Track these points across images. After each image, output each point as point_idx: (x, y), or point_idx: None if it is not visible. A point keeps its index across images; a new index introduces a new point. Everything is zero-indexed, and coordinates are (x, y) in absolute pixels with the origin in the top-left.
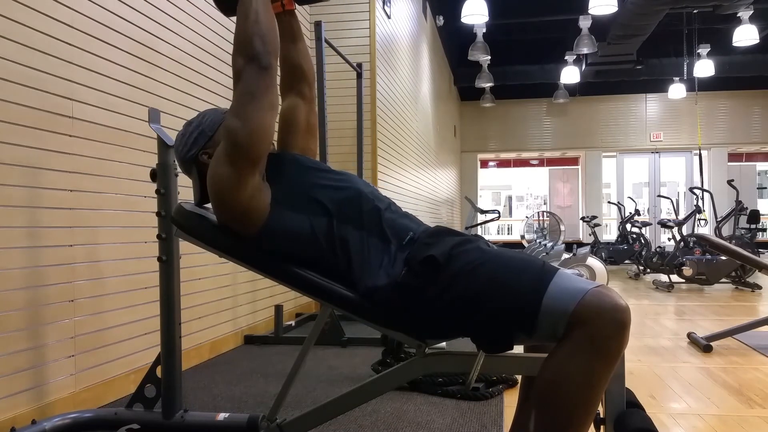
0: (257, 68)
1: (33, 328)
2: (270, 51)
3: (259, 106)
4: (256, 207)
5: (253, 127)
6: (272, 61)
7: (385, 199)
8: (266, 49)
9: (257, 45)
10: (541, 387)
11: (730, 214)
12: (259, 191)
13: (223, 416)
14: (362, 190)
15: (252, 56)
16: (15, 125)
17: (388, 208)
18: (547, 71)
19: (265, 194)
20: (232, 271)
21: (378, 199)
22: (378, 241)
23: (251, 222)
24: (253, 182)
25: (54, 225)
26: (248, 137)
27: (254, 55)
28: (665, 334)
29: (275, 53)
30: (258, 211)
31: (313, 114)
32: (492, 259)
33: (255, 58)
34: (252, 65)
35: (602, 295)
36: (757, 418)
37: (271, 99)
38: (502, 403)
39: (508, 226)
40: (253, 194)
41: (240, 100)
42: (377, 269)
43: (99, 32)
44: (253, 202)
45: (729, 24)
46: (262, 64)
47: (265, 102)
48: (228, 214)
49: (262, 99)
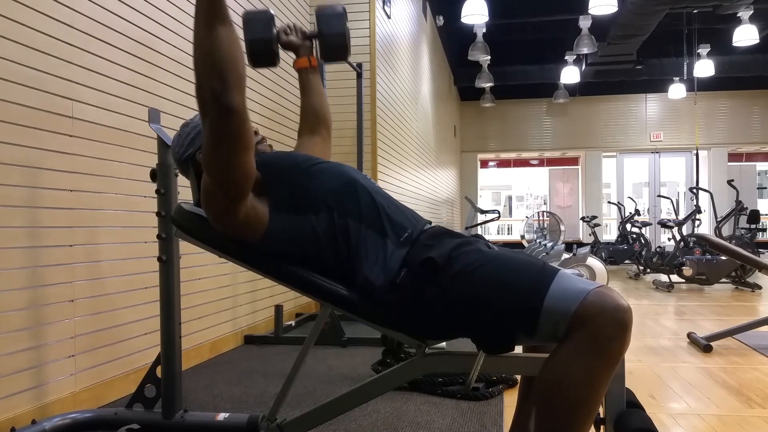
0: (218, 110)
1: (33, 328)
2: (231, 86)
3: (232, 150)
4: (254, 222)
5: (228, 173)
6: (234, 99)
7: (382, 191)
8: (226, 86)
9: (215, 84)
10: (542, 387)
11: (730, 214)
12: (254, 208)
13: (223, 416)
14: (357, 179)
15: (211, 97)
16: (15, 125)
17: (386, 200)
18: (547, 71)
19: (261, 209)
20: (232, 271)
21: (375, 191)
22: (376, 235)
23: (251, 234)
24: (244, 206)
25: (54, 225)
26: (227, 178)
27: (213, 95)
28: (665, 334)
29: (238, 87)
30: (256, 225)
31: (328, 148)
32: (492, 260)
33: (215, 99)
34: (213, 107)
35: (604, 296)
36: (757, 418)
37: (242, 140)
38: (502, 403)
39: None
40: (248, 214)
41: (209, 144)
42: (373, 263)
43: (99, 32)
44: (249, 220)
45: (729, 24)
46: (223, 107)
47: (234, 146)
48: (226, 232)
49: (230, 143)
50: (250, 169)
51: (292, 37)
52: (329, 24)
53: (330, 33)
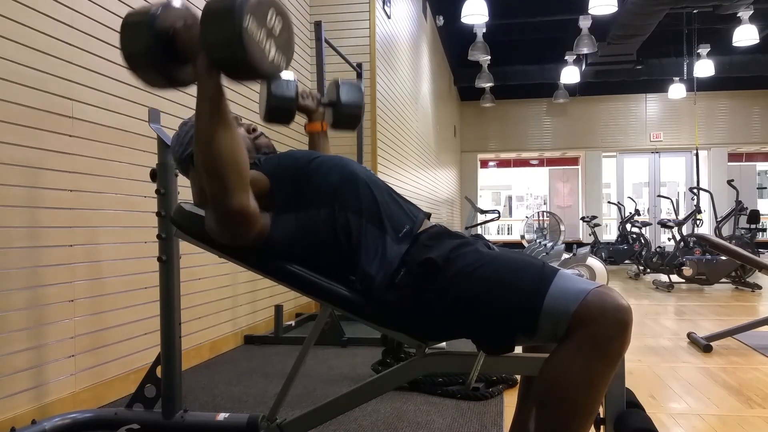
0: (221, 212)
1: (33, 328)
2: (232, 190)
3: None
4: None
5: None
6: (235, 202)
7: (383, 184)
8: (227, 190)
9: (216, 189)
10: (542, 387)
11: (730, 214)
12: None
13: (223, 416)
14: (357, 173)
15: (212, 200)
16: (15, 125)
17: (386, 194)
18: (547, 71)
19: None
20: (232, 271)
21: (375, 184)
22: (375, 229)
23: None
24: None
25: (54, 225)
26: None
27: (213, 199)
28: (665, 334)
29: (242, 189)
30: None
31: None
32: (492, 260)
33: (216, 204)
34: (215, 207)
35: (604, 296)
36: (757, 418)
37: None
38: (502, 403)
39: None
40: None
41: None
42: (373, 257)
43: (99, 32)
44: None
45: (729, 24)
46: (225, 209)
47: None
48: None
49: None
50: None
51: (309, 101)
52: (348, 97)
53: (347, 106)
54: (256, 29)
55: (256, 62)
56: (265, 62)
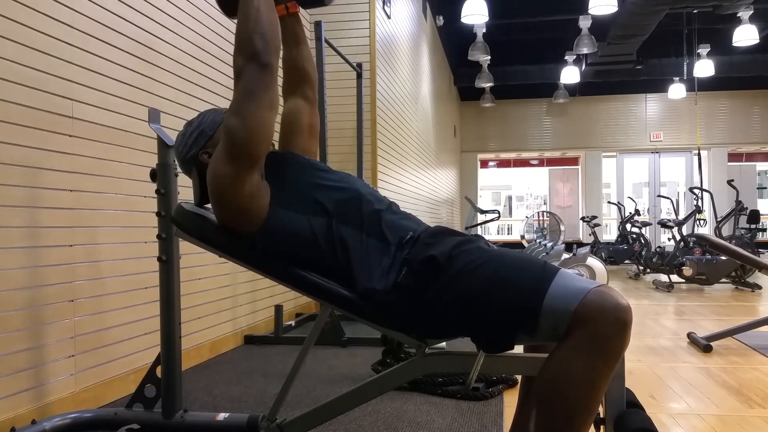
0: (257, 66)
1: (33, 328)
2: (270, 49)
3: (259, 105)
4: (256, 206)
5: (253, 126)
6: (272, 59)
7: (385, 199)
8: (266, 47)
9: (257, 43)
10: (542, 386)
11: (730, 214)
12: (258, 190)
13: (223, 416)
14: (361, 191)
15: (252, 54)
16: (15, 125)
17: (388, 209)
18: (547, 71)
19: (264, 194)
20: (232, 271)
21: (378, 200)
22: (377, 242)
23: (250, 221)
24: (252, 181)
25: (54, 225)
26: (247, 135)
27: (254, 53)
28: (665, 334)
29: (276, 51)
30: (257, 210)
31: (315, 116)
32: (493, 259)
33: (255, 57)
34: (252, 64)
35: (604, 295)
36: (757, 418)
37: (271, 97)
38: (502, 403)
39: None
40: (252, 193)
41: (239, 98)
42: (376, 270)
43: (99, 32)
44: (253, 200)
45: (729, 24)
46: (262, 62)
47: (264, 100)
48: (227, 212)
49: (262, 97)
50: (270, 130)
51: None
52: None
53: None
54: None
55: None
56: None
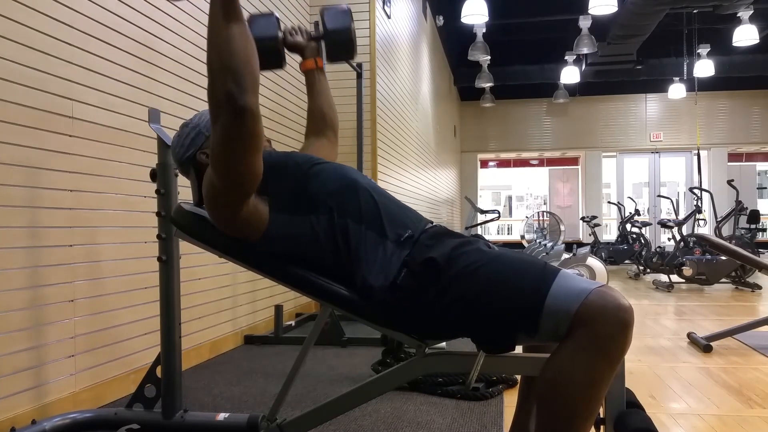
0: (232, 112)
1: (33, 328)
2: (246, 88)
3: (240, 157)
4: (255, 221)
5: (236, 176)
6: (249, 99)
7: (384, 191)
8: (241, 87)
9: (230, 84)
10: (543, 387)
11: (730, 214)
12: (255, 208)
13: (223, 416)
14: (358, 180)
15: (225, 98)
16: (15, 125)
17: (387, 200)
18: (547, 71)
19: (262, 209)
20: (232, 271)
21: (376, 191)
22: (375, 235)
23: (251, 233)
24: (247, 206)
25: (54, 225)
26: (232, 184)
27: (228, 96)
28: (665, 334)
29: (253, 88)
30: (257, 223)
31: (335, 152)
32: (493, 260)
33: (229, 100)
34: (227, 109)
35: (605, 295)
36: (757, 418)
37: (253, 142)
38: (502, 403)
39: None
40: (249, 213)
41: (218, 149)
42: (373, 263)
43: (99, 32)
44: (251, 218)
45: (729, 24)
46: (238, 105)
47: (244, 149)
48: (227, 230)
49: (241, 147)
50: (258, 169)
51: (298, 38)
52: (334, 23)
53: (335, 32)
54: None
55: None
56: None
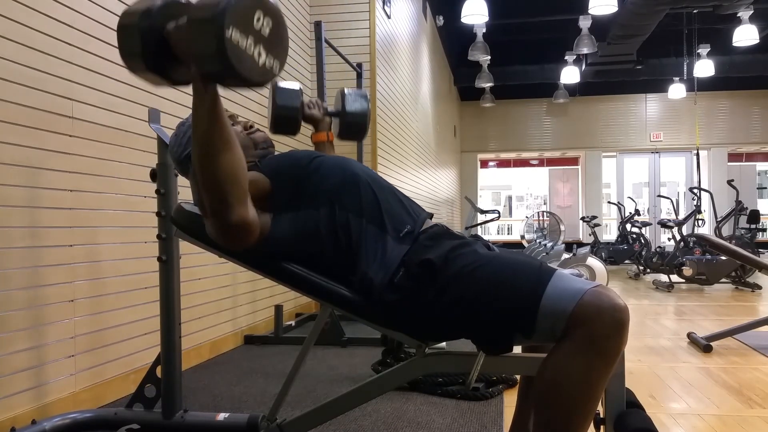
0: (219, 227)
1: (33, 328)
2: (232, 204)
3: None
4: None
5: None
6: (235, 215)
7: (385, 183)
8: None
9: (215, 204)
10: (540, 387)
11: (730, 214)
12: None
13: (223, 416)
14: (359, 174)
15: (212, 214)
16: (15, 125)
17: (389, 193)
18: (547, 71)
19: (264, 219)
20: (232, 271)
21: (377, 183)
22: (376, 229)
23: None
24: None
25: (54, 225)
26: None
27: (214, 213)
28: (665, 334)
29: (241, 200)
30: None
31: None
32: (490, 261)
33: (216, 217)
34: (214, 223)
35: (601, 295)
36: (757, 418)
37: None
38: (502, 403)
39: (508, 226)
40: None
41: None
42: (373, 258)
43: (99, 32)
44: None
45: (729, 24)
46: (224, 224)
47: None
48: None
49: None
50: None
51: (315, 111)
52: (353, 106)
53: (353, 114)
54: (241, 37)
55: (246, 73)
56: (255, 70)
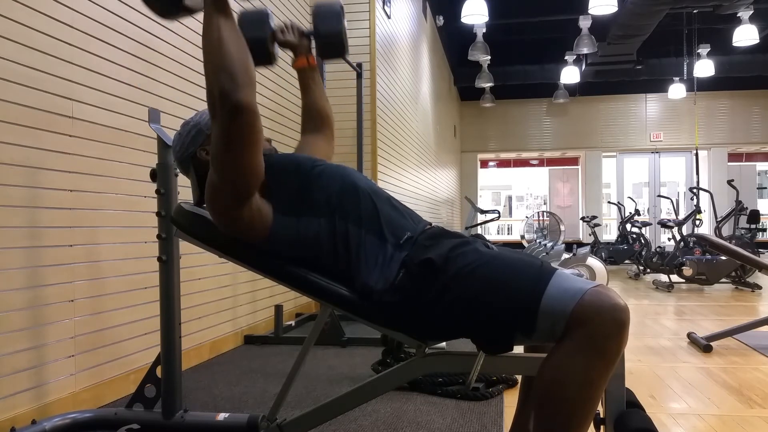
0: (228, 109)
1: (33, 328)
2: (239, 86)
3: (238, 153)
4: (258, 223)
5: (236, 175)
6: (243, 96)
7: (383, 193)
8: (234, 85)
9: (225, 83)
10: (540, 387)
11: (730, 214)
12: (258, 211)
13: (223, 416)
14: (358, 184)
15: (221, 96)
16: (15, 125)
17: (387, 203)
18: (547, 71)
19: (265, 211)
20: (232, 271)
21: (376, 194)
22: (375, 239)
23: (254, 235)
24: (249, 206)
25: (54, 225)
26: (232, 184)
27: (223, 94)
28: (665, 334)
29: (248, 85)
30: (260, 225)
31: (332, 149)
32: (490, 260)
33: (225, 98)
34: (224, 107)
35: (601, 295)
36: (757, 418)
37: (250, 138)
38: (502, 403)
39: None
40: (252, 216)
41: (218, 146)
42: (373, 267)
43: (99, 32)
44: (253, 222)
45: (729, 24)
46: (232, 102)
47: (244, 146)
48: (230, 232)
49: (240, 143)
50: (259, 167)
51: (289, 36)
52: (325, 22)
53: (326, 32)
54: None
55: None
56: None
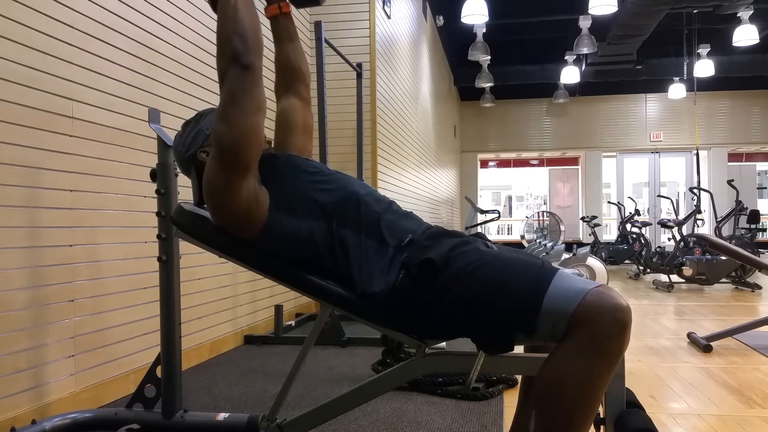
0: (239, 68)
1: (33, 328)
2: (251, 49)
3: (244, 109)
4: (254, 212)
5: (239, 132)
6: (254, 59)
7: (385, 199)
8: (246, 48)
9: (237, 44)
10: (541, 387)
11: (730, 214)
12: (255, 196)
13: (223, 416)
14: (359, 192)
15: (232, 56)
16: (15, 125)
17: (388, 209)
18: (547, 71)
19: (263, 199)
20: (232, 271)
21: (377, 200)
22: (376, 245)
23: (249, 226)
24: (247, 186)
25: (54, 225)
26: (235, 142)
27: (234, 54)
28: (665, 334)
29: (258, 51)
30: (256, 215)
31: (309, 115)
32: (491, 260)
33: (235, 58)
34: (233, 66)
35: (603, 295)
36: (757, 418)
37: (257, 99)
38: (502, 403)
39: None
40: (249, 199)
41: (225, 103)
42: (375, 273)
43: (99, 32)
44: (250, 207)
45: (729, 24)
46: (243, 63)
47: (249, 104)
48: (224, 220)
49: (246, 101)
50: (260, 132)
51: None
52: None
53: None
54: None
55: None
56: None
